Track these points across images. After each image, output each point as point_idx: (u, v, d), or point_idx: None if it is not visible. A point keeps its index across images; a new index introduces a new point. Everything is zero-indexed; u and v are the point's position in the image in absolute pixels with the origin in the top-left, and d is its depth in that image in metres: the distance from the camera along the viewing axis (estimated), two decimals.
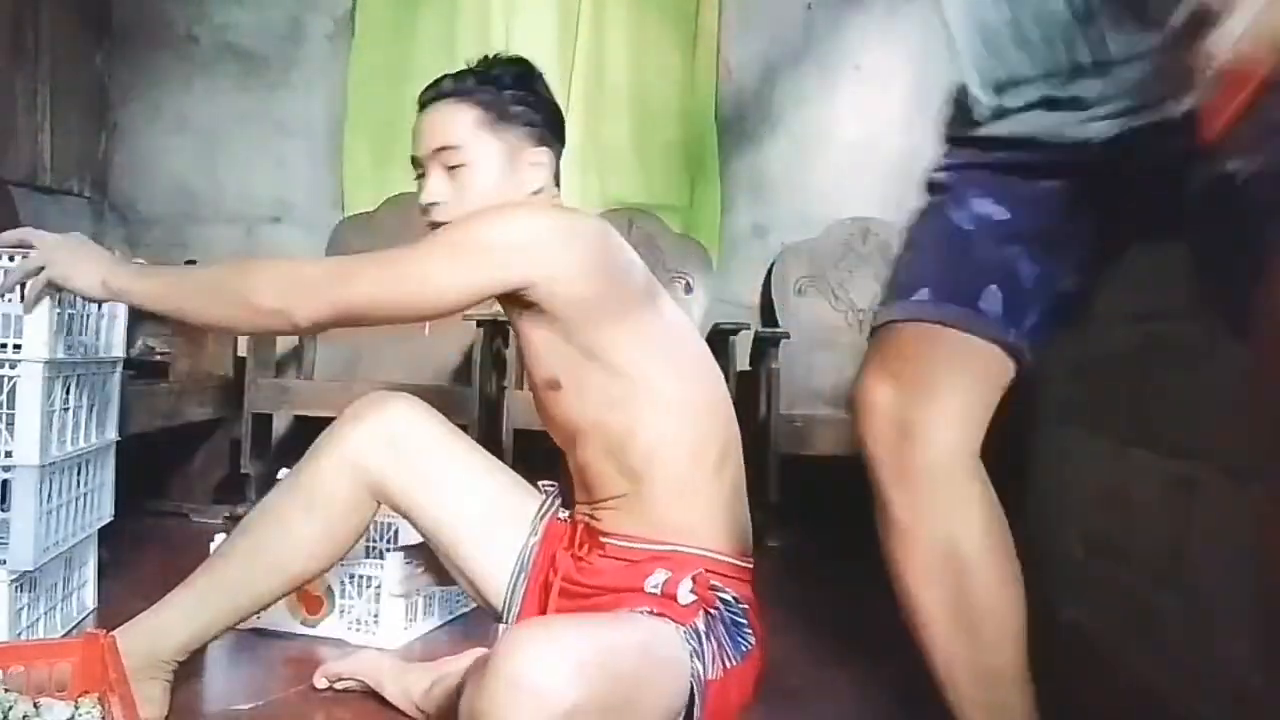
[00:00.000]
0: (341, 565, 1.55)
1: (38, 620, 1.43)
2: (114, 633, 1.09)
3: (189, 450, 2.63)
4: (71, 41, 2.89)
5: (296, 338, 2.80)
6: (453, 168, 1.22)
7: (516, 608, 1.25)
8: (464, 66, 1.29)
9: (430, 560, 1.41)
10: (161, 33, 3.10)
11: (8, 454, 1.36)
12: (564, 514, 1.32)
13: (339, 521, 1.23)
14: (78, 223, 2.97)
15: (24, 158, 2.70)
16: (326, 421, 1.31)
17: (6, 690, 0.98)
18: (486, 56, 1.29)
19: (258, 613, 1.34)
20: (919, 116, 2.67)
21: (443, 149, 1.22)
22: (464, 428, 2.31)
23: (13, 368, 1.33)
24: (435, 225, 1.23)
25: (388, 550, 1.74)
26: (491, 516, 1.26)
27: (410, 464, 1.23)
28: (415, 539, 1.38)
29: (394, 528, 1.84)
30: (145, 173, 3.13)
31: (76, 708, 0.99)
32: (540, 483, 1.34)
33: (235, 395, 2.57)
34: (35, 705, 0.98)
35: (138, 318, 2.92)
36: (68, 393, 1.46)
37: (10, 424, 1.34)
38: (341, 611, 1.64)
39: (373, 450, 1.23)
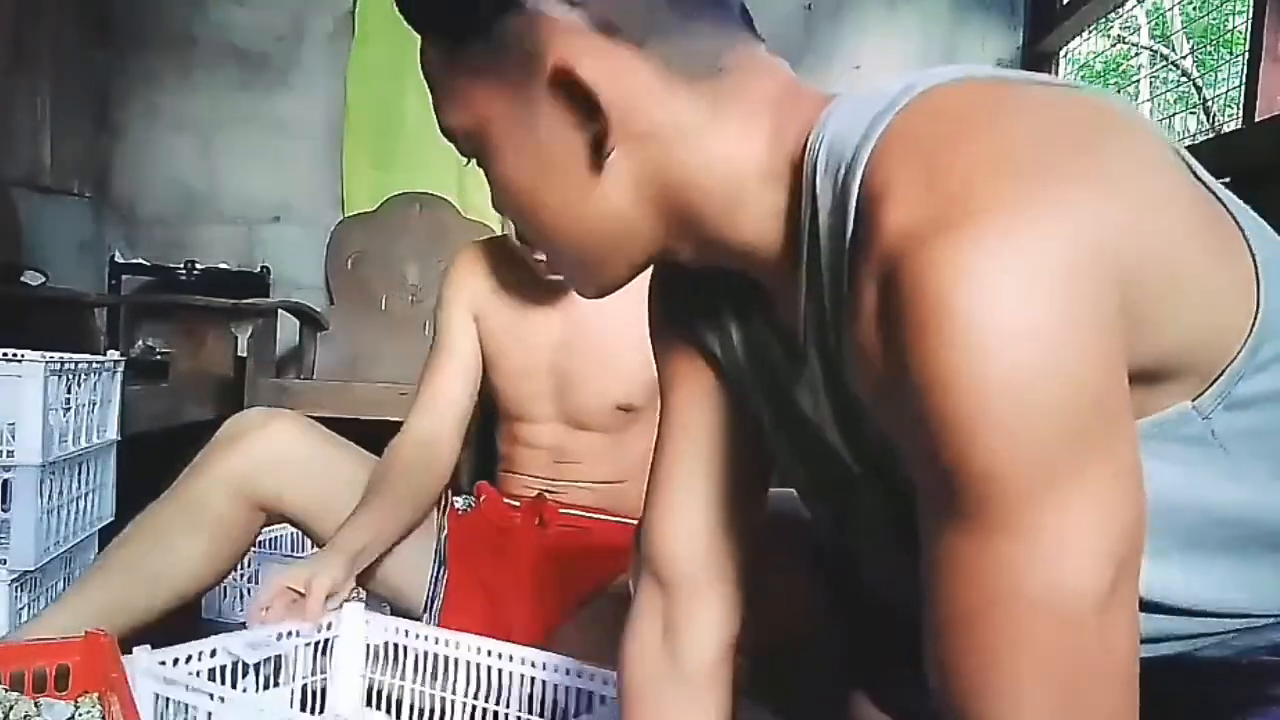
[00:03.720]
0: None
1: None
2: None
3: (189, 450, 2.62)
4: (71, 41, 2.89)
5: (297, 337, 2.80)
6: None
7: (439, 603, 1.30)
8: None
9: None
10: (161, 33, 3.10)
11: (8, 454, 1.36)
12: (460, 503, 1.41)
13: (227, 542, 1.26)
14: (78, 223, 2.97)
15: (24, 158, 2.70)
16: (327, 422, 1.33)
17: (7, 690, 0.98)
18: None
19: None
20: None
21: None
22: None
23: None
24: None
25: None
26: None
27: (302, 481, 1.26)
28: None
29: None
30: (145, 173, 3.12)
31: (76, 708, 0.99)
32: None
33: (235, 395, 2.57)
34: (35, 705, 0.98)
35: (137, 318, 2.93)
36: (68, 392, 1.46)
37: None
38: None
39: (261, 472, 1.25)
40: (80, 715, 0.98)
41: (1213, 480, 0.52)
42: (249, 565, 1.71)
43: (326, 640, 1.20)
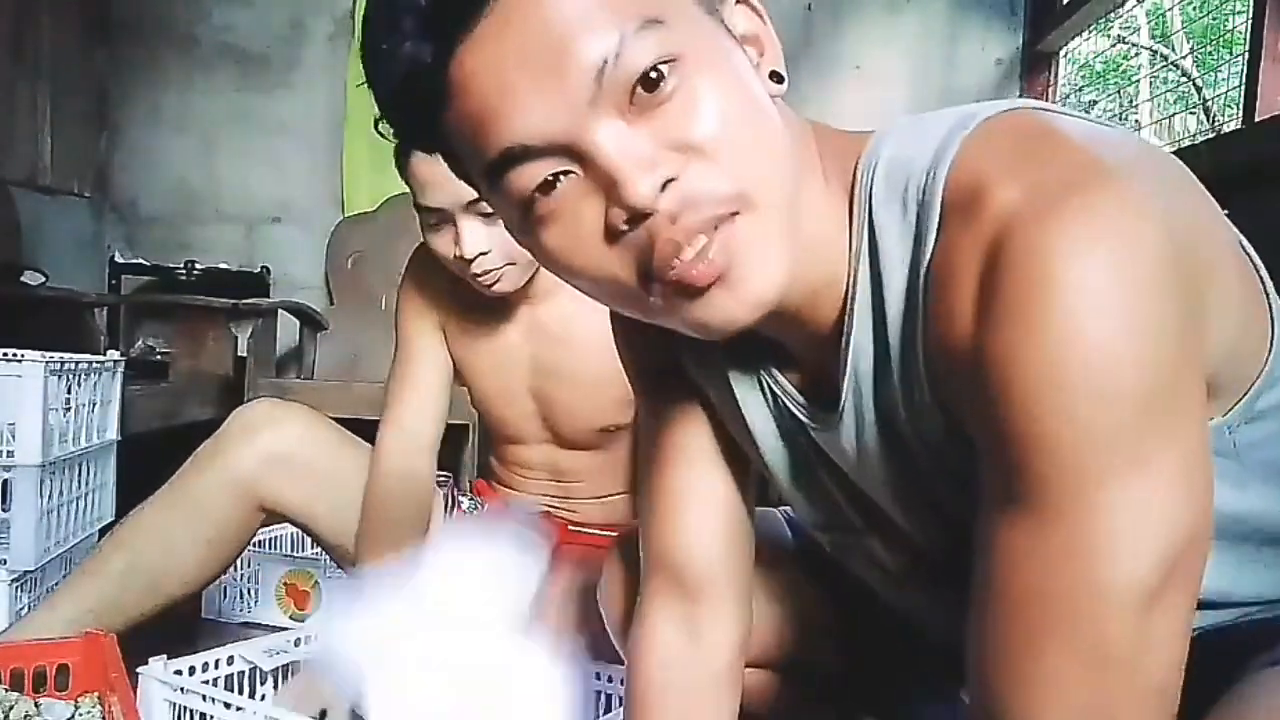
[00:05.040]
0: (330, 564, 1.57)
1: None
2: None
3: (189, 450, 2.62)
4: (71, 41, 2.89)
5: (297, 337, 2.80)
6: (491, 213, 1.10)
7: None
8: None
9: None
10: (161, 33, 3.10)
11: (8, 454, 1.36)
12: (465, 503, 1.35)
13: (225, 543, 1.23)
14: (78, 223, 2.97)
15: (24, 158, 2.70)
16: None
17: (7, 690, 0.98)
18: None
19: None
20: None
21: (482, 198, 1.10)
22: (463, 427, 2.34)
23: None
24: (480, 276, 1.15)
25: None
26: None
27: (307, 481, 1.23)
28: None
29: None
30: (145, 173, 3.12)
31: (76, 707, 0.99)
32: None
33: (235, 395, 2.57)
34: (35, 705, 0.98)
35: (137, 318, 2.93)
36: (68, 392, 1.46)
37: None
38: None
39: (267, 471, 1.21)
40: (80, 715, 0.98)
41: (1226, 487, 0.53)
42: (249, 565, 1.71)
43: None
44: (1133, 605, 0.43)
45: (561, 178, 0.49)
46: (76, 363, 1.49)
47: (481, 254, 1.13)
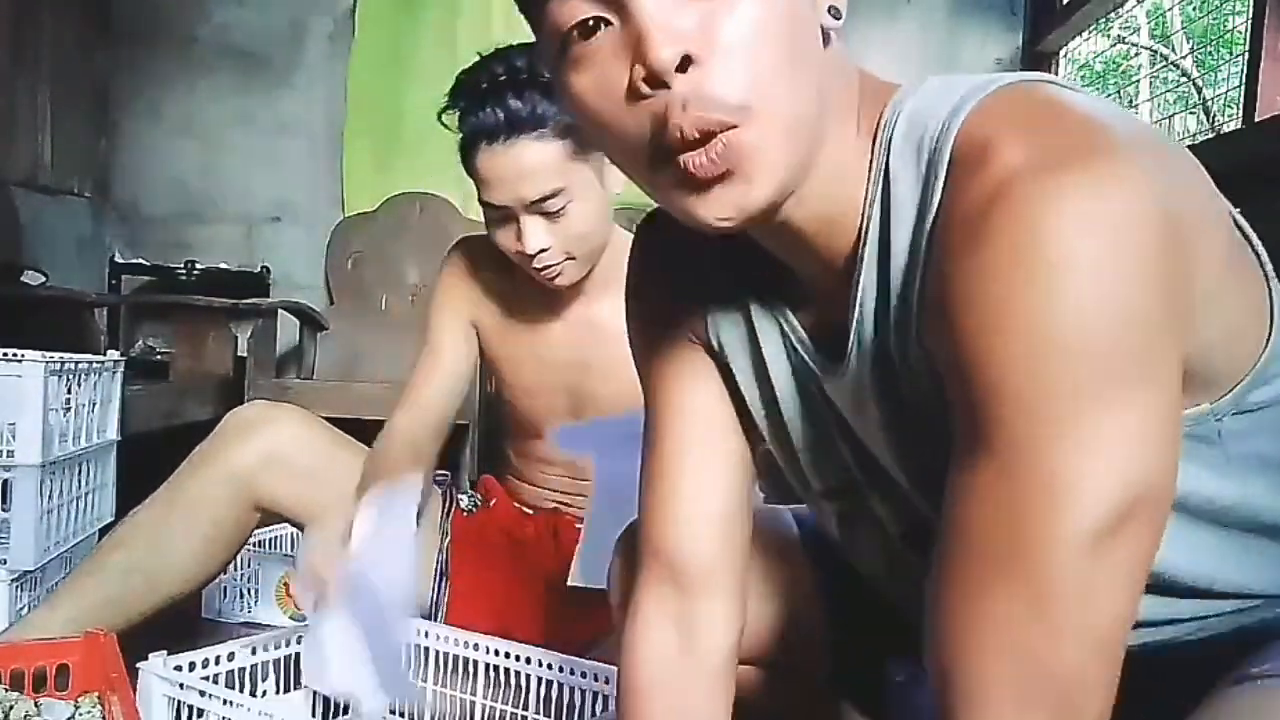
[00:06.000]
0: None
1: None
2: None
3: (189, 450, 2.62)
4: (71, 41, 2.89)
5: (297, 337, 2.80)
6: (554, 211, 1.14)
7: (443, 609, 1.29)
8: (478, 64, 1.16)
9: None
10: (162, 33, 3.10)
11: (8, 454, 1.36)
12: (465, 501, 1.37)
13: (222, 542, 1.23)
14: (78, 223, 2.97)
15: (24, 158, 2.70)
16: (327, 421, 1.32)
17: (7, 690, 0.98)
18: (501, 53, 1.15)
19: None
20: None
21: (544, 198, 1.13)
22: (463, 427, 2.34)
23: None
24: (542, 270, 1.19)
25: None
26: None
27: (302, 481, 1.24)
28: None
29: None
30: (145, 173, 3.12)
31: (76, 707, 0.99)
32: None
33: (235, 395, 2.57)
34: (35, 705, 0.98)
35: (137, 318, 2.93)
36: (68, 392, 1.46)
37: None
38: None
39: (262, 471, 1.22)
40: (80, 715, 0.98)
41: (1205, 471, 0.55)
42: (248, 565, 1.71)
43: None
44: (1077, 549, 0.44)
45: (602, 26, 0.51)
46: (76, 363, 1.49)
47: (542, 250, 1.17)
